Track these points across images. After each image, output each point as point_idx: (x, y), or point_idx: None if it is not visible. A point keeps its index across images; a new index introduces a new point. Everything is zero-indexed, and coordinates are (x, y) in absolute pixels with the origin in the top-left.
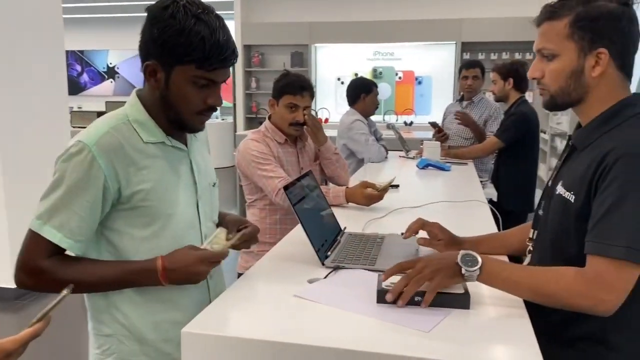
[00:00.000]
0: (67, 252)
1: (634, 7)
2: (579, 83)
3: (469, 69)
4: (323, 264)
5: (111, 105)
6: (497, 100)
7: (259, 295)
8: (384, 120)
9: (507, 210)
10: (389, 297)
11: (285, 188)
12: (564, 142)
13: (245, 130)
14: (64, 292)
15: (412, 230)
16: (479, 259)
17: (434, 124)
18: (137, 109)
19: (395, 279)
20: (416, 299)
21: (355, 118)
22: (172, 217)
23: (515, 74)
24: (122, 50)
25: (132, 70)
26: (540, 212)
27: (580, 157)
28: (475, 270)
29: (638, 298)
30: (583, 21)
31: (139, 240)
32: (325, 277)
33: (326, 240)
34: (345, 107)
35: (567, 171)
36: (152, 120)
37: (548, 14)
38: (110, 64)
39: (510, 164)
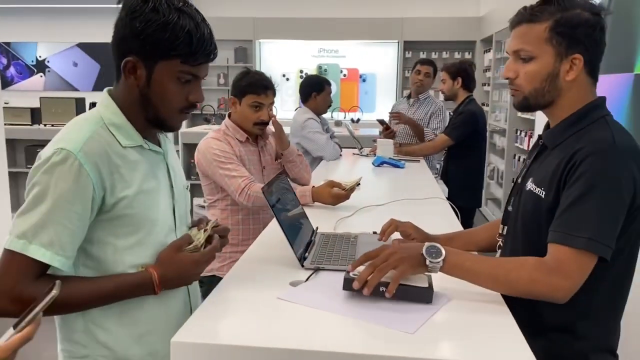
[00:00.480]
0: (49, 272)
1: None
2: (553, 86)
3: (424, 65)
4: (303, 266)
5: (47, 102)
6: (447, 99)
7: (243, 300)
8: (332, 117)
9: (457, 206)
10: (355, 284)
11: (263, 190)
12: (502, 139)
13: (188, 128)
14: (54, 292)
15: (387, 233)
16: (443, 251)
17: (381, 122)
18: (112, 110)
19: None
20: (381, 289)
21: (307, 116)
22: (155, 223)
23: (464, 73)
24: (52, 43)
25: (63, 64)
26: (510, 208)
27: (550, 156)
28: (438, 262)
29: (601, 288)
30: (562, 27)
31: (122, 250)
32: (307, 280)
33: (303, 242)
34: (291, 103)
35: (537, 168)
36: (128, 122)
37: (527, 17)
38: (40, 57)
39: (459, 161)
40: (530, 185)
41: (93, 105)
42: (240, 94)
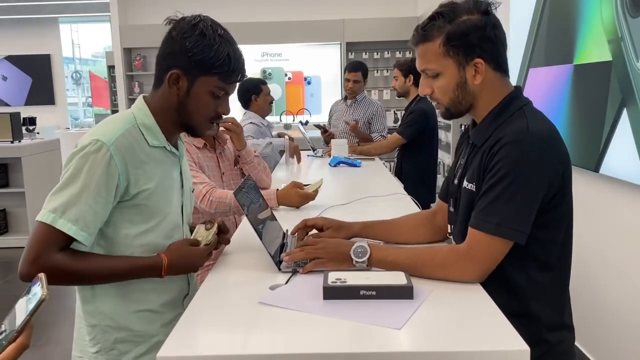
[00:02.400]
0: (72, 247)
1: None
2: (466, 92)
3: (351, 72)
4: (280, 269)
5: None
6: (399, 95)
7: (225, 308)
8: (280, 120)
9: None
10: (285, 258)
11: (235, 194)
12: (447, 134)
13: None
14: (43, 294)
15: (298, 228)
16: (368, 251)
17: (318, 126)
18: (145, 113)
19: (342, 274)
20: (361, 292)
21: (247, 122)
22: (166, 216)
23: (415, 71)
24: None
25: None
26: (451, 208)
27: (479, 152)
28: (364, 261)
29: (549, 268)
30: (454, 39)
31: (132, 235)
32: (286, 283)
33: (276, 245)
34: (237, 108)
35: (470, 166)
36: (157, 125)
37: (421, 38)
38: None
39: (412, 159)
40: (465, 183)
41: (30, 120)
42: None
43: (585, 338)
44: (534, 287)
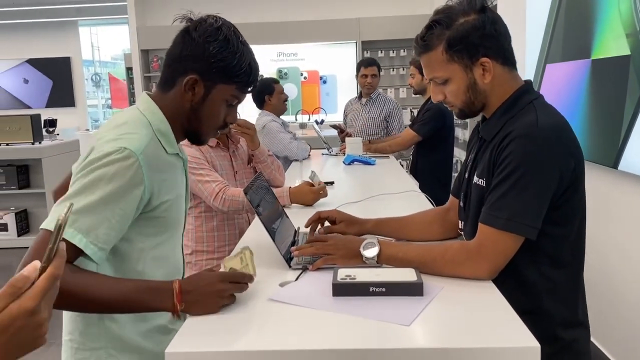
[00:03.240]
0: (76, 264)
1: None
2: (477, 92)
3: (368, 67)
4: (290, 266)
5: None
6: (415, 93)
7: (234, 304)
8: (296, 120)
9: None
10: (295, 252)
11: (245, 191)
12: (464, 132)
13: None
14: (59, 219)
15: (312, 221)
16: (378, 247)
17: (334, 126)
18: (160, 118)
19: (351, 271)
20: (370, 289)
21: (269, 119)
22: (179, 226)
23: None
24: (1, 61)
25: (13, 81)
26: (461, 204)
27: (489, 147)
28: (374, 258)
29: (561, 265)
30: (455, 44)
31: (147, 248)
32: (296, 279)
33: (287, 242)
34: (254, 109)
35: (480, 161)
36: (171, 131)
37: (422, 48)
38: None
39: (428, 156)
40: (475, 178)
41: (50, 122)
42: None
43: (604, 336)
44: (546, 283)
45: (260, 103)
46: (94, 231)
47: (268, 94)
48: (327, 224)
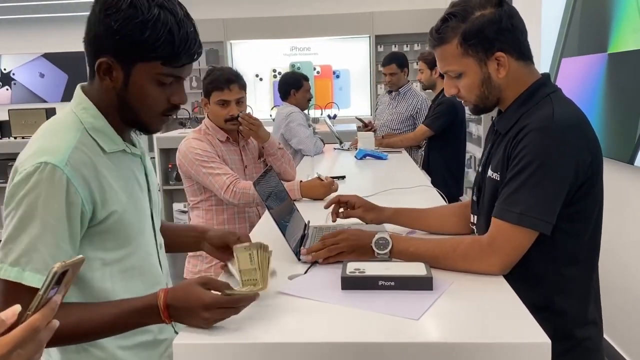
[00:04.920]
0: None
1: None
2: (491, 87)
3: (384, 66)
4: (299, 260)
5: (16, 114)
6: (425, 88)
7: None
8: (308, 114)
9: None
10: (304, 252)
11: (255, 185)
12: (478, 127)
13: (163, 133)
14: (54, 267)
15: (332, 203)
16: (390, 242)
17: (360, 120)
18: (92, 113)
19: (360, 264)
20: (380, 282)
21: (292, 110)
22: (143, 232)
23: None
24: (17, 55)
25: (30, 75)
26: (474, 197)
27: (503, 140)
28: (386, 253)
29: (576, 262)
30: (470, 38)
31: (110, 263)
32: (305, 272)
33: (297, 235)
34: (266, 103)
35: (494, 155)
36: (109, 126)
37: (437, 41)
38: (5, 69)
39: (440, 151)
40: (490, 172)
41: None
42: (207, 93)
43: (619, 334)
44: (559, 280)
45: (284, 95)
46: (50, 265)
47: (295, 88)
48: (358, 221)
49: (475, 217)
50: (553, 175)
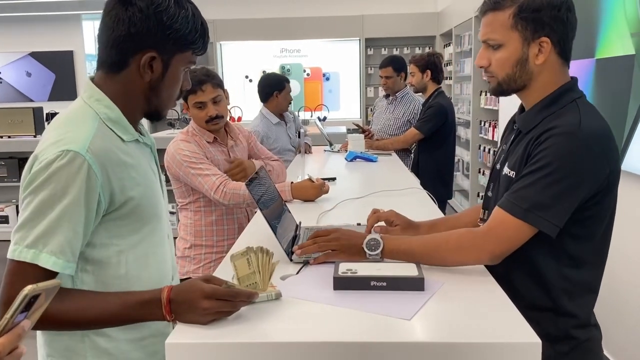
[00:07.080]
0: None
1: None
2: (524, 70)
3: (381, 68)
4: (291, 260)
5: (2, 113)
6: (416, 91)
7: None
8: (298, 116)
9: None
10: (297, 251)
11: (247, 185)
12: (467, 130)
13: (152, 134)
14: (25, 290)
15: (371, 224)
16: (381, 243)
17: (357, 125)
18: (106, 104)
19: (352, 265)
20: (372, 283)
21: (259, 126)
22: (159, 219)
23: (432, 66)
24: (4, 54)
25: (16, 74)
26: (490, 193)
27: (524, 139)
28: (377, 253)
29: (583, 265)
30: (526, 12)
31: (126, 249)
32: (297, 273)
33: (289, 236)
34: (257, 105)
35: (512, 153)
36: (123, 116)
37: (492, 5)
38: None
39: (429, 154)
40: (505, 169)
41: (52, 115)
42: (185, 98)
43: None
44: (564, 282)
45: (266, 97)
46: (68, 248)
47: (278, 90)
48: (381, 223)
49: (486, 212)
50: (568, 181)
